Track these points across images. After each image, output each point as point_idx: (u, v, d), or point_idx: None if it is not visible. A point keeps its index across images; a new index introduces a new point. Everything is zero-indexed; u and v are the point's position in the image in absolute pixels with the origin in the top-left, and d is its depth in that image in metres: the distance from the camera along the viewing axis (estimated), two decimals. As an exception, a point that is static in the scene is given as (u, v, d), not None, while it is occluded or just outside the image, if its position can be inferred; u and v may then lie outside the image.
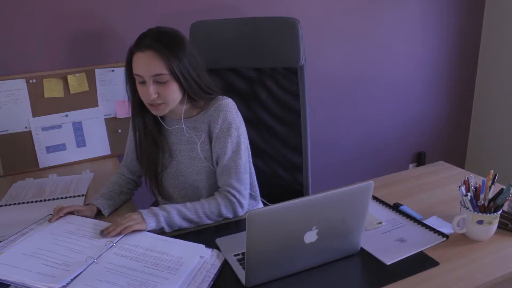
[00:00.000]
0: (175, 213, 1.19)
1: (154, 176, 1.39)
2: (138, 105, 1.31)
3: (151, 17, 1.91)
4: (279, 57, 1.61)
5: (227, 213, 1.26)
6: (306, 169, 1.68)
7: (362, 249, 1.11)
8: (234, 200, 1.26)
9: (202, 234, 1.21)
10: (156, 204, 1.62)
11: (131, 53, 1.24)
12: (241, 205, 1.28)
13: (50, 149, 1.82)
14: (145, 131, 1.34)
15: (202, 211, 1.23)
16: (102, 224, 1.19)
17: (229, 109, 1.30)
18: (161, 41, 1.20)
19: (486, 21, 2.76)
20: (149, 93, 1.21)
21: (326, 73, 2.38)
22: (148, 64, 1.20)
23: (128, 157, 1.47)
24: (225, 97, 1.34)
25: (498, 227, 1.16)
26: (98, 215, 1.32)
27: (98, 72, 1.84)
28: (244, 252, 0.98)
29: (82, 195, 1.51)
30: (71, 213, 1.27)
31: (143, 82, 1.22)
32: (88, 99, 1.84)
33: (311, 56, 2.26)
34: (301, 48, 1.57)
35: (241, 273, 1.02)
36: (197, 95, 1.28)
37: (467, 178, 1.17)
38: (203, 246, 1.11)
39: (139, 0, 1.87)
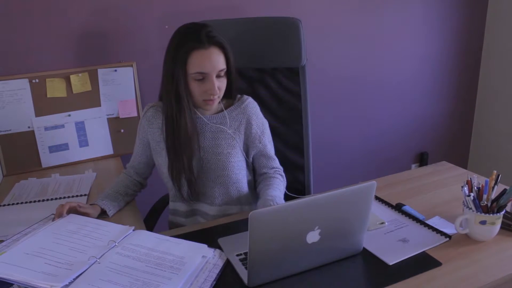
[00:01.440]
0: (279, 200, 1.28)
1: (186, 176, 1.32)
2: (188, 104, 1.27)
3: (153, 17, 1.92)
4: (281, 57, 1.61)
5: (284, 188, 1.41)
6: (308, 169, 1.68)
7: (364, 249, 1.11)
8: (283, 175, 1.44)
9: (204, 234, 1.21)
10: (160, 203, 1.62)
11: (187, 52, 1.21)
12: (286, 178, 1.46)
13: (52, 149, 1.82)
14: (188, 131, 1.28)
15: (282, 191, 1.36)
16: (104, 224, 1.19)
17: (257, 106, 1.40)
18: (217, 37, 1.23)
19: (488, 21, 2.76)
20: (215, 88, 1.24)
21: (328, 73, 2.38)
22: (214, 60, 1.22)
23: (136, 160, 1.46)
24: (244, 95, 1.40)
25: (501, 227, 1.16)
26: (102, 215, 1.32)
27: (101, 72, 1.84)
28: (247, 252, 0.98)
29: (85, 195, 1.52)
30: (74, 211, 1.26)
31: (202, 79, 1.23)
32: (91, 99, 1.85)
33: (313, 56, 2.26)
34: (302, 48, 1.57)
35: (243, 273, 1.02)
36: (234, 89, 1.35)
37: (470, 178, 1.16)
38: (205, 246, 1.11)
39: (140, 0, 1.88)
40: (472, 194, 1.12)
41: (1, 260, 1.01)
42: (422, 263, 1.06)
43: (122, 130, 1.92)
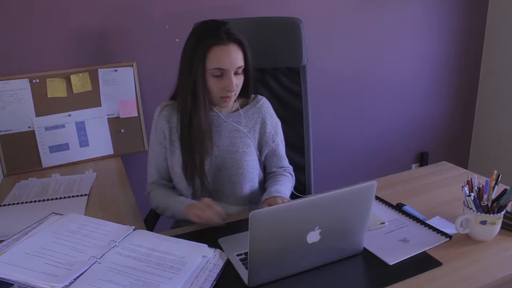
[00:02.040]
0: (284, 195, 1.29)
1: (200, 174, 1.30)
2: (204, 100, 1.26)
3: (153, 17, 1.91)
4: (282, 57, 1.61)
5: (292, 186, 1.44)
6: (309, 169, 1.68)
7: (365, 249, 1.11)
8: (293, 174, 1.47)
9: (205, 234, 1.21)
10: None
11: (206, 48, 1.21)
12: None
13: (53, 149, 1.82)
14: (201, 128, 1.27)
15: (289, 188, 1.38)
16: (104, 224, 1.19)
17: (271, 106, 1.42)
18: (236, 34, 1.23)
19: (489, 21, 2.76)
20: (233, 85, 1.24)
21: (329, 73, 2.37)
22: (233, 57, 1.22)
23: (162, 167, 1.38)
24: (259, 95, 1.42)
25: (502, 227, 1.16)
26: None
27: (101, 72, 1.84)
28: (247, 252, 0.98)
29: (85, 195, 1.52)
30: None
31: (220, 75, 1.23)
32: (91, 99, 1.85)
33: (314, 56, 2.25)
34: (303, 48, 1.57)
35: (243, 273, 1.02)
36: (252, 87, 1.35)
37: (470, 178, 1.16)
38: (205, 245, 1.11)
39: (141, 0, 1.87)
40: (472, 194, 1.12)
41: (1, 260, 1.01)
42: (423, 263, 1.06)
43: (122, 130, 1.92)
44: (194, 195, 1.35)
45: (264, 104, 1.40)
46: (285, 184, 1.37)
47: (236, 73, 1.25)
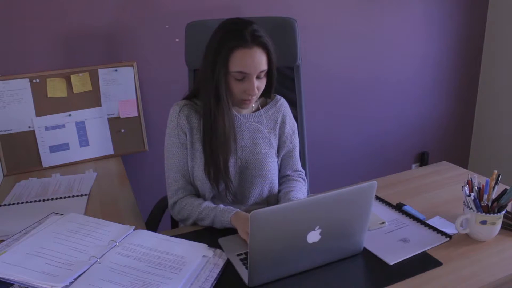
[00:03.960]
0: None
1: (224, 176, 1.27)
2: (227, 103, 1.23)
3: (153, 17, 1.91)
4: (276, 57, 1.60)
5: (306, 191, 1.41)
6: (304, 169, 1.68)
7: (365, 249, 1.11)
8: (305, 179, 1.45)
9: (205, 234, 1.21)
10: (162, 203, 1.62)
11: (229, 50, 1.17)
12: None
13: (53, 149, 1.82)
14: (225, 129, 1.24)
15: (305, 194, 1.38)
16: (104, 224, 1.19)
17: (288, 106, 1.42)
18: (263, 37, 1.19)
19: (489, 20, 2.76)
20: (254, 89, 1.21)
21: (328, 73, 2.38)
22: (256, 61, 1.18)
23: (186, 170, 1.31)
24: (277, 95, 1.41)
25: (502, 227, 1.16)
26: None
27: (101, 72, 1.84)
28: (247, 251, 0.98)
29: (85, 195, 1.52)
30: None
31: (242, 79, 1.20)
32: (91, 99, 1.85)
33: (313, 56, 2.26)
34: (298, 47, 1.57)
35: (244, 273, 1.02)
36: (274, 89, 1.33)
37: (471, 178, 1.16)
38: (205, 245, 1.11)
39: (141, 0, 1.87)
40: (472, 194, 1.12)
41: (2, 260, 1.01)
42: (423, 263, 1.06)
43: (122, 130, 1.92)
44: (217, 197, 1.33)
45: (284, 104, 1.40)
46: (301, 190, 1.36)
47: (258, 77, 1.22)
